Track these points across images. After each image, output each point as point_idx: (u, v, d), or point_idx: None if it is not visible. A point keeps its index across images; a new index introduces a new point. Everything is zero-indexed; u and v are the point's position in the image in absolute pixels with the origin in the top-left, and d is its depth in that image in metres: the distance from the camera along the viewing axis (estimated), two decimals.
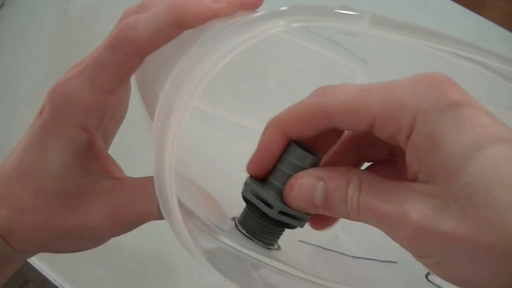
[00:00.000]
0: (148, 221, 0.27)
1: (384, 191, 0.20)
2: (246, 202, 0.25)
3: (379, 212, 0.20)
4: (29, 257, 0.29)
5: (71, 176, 0.26)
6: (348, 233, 0.28)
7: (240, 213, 0.25)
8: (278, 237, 0.25)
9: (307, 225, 0.25)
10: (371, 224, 0.21)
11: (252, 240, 0.25)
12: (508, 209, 0.17)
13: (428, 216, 0.18)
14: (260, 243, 0.25)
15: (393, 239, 0.20)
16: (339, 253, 0.28)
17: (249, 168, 0.24)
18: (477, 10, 0.60)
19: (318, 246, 0.28)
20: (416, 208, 0.19)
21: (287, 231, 0.25)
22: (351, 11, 0.20)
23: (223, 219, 0.26)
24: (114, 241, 0.29)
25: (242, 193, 0.24)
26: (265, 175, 0.24)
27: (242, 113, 0.32)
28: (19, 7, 0.65)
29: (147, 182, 0.26)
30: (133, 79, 0.29)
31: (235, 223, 0.26)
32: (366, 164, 0.26)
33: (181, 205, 0.20)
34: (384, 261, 0.23)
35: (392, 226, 0.20)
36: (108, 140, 0.30)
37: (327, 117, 0.21)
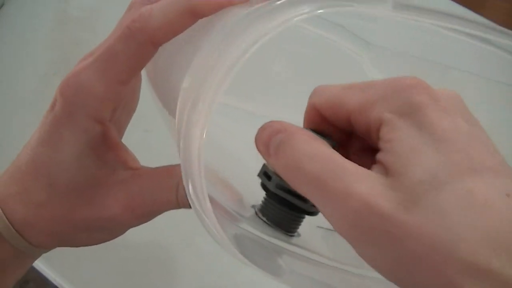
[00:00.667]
0: (166, 210, 0.26)
1: (339, 168, 0.19)
2: (266, 191, 0.25)
3: (327, 185, 0.18)
4: (46, 251, 0.29)
5: (86, 169, 0.26)
6: None
7: (260, 201, 0.25)
8: (299, 224, 0.25)
9: None
10: (311, 198, 0.19)
11: (273, 228, 0.25)
12: (455, 214, 0.16)
13: (376, 195, 0.17)
14: (282, 230, 0.25)
15: (333, 222, 0.19)
16: None
17: None
18: (477, 10, 0.60)
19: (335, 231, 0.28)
20: (366, 188, 0.18)
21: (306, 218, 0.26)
22: None
23: (243, 206, 0.26)
24: (114, 241, 0.29)
25: (270, 188, 0.24)
26: None
27: (250, 100, 0.32)
28: (19, 7, 0.65)
29: (165, 171, 0.26)
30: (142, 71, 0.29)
31: (255, 211, 0.25)
32: None
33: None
34: None
35: (336, 203, 0.18)
36: (121, 131, 0.30)
37: (318, 113, 0.23)
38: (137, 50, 0.24)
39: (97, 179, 0.26)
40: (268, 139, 0.21)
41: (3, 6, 0.65)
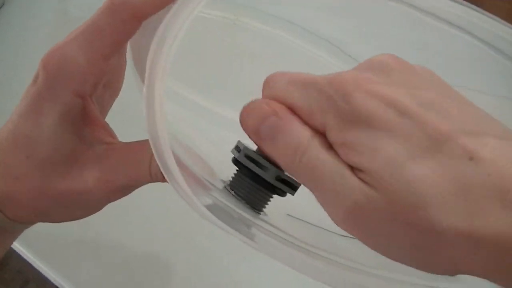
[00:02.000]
0: (141, 185, 0.26)
1: (332, 158, 0.20)
2: (237, 166, 0.25)
3: (322, 174, 0.19)
4: (26, 227, 0.29)
5: (64, 143, 0.26)
6: None
7: (230, 178, 0.26)
8: (267, 203, 0.26)
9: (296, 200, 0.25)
10: (305, 184, 0.20)
11: (241, 202, 0.25)
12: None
13: (366, 199, 0.18)
14: (249, 206, 0.25)
15: (329, 213, 0.20)
16: (327, 230, 0.28)
17: None
18: None
19: (306, 222, 0.28)
20: (356, 192, 0.19)
21: (275, 203, 0.26)
22: None
23: (214, 177, 0.26)
24: (114, 240, 0.29)
25: (237, 158, 0.24)
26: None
27: (219, 101, 0.32)
28: (19, 7, 0.66)
29: (138, 146, 0.27)
30: (129, 63, 0.29)
31: (225, 186, 0.26)
32: None
33: (175, 157, 0.20)
34: None
35: (331, 204, 0.20)
36: (103, 111, 0.30)
37: None
38: (120, 24, 0.24)
39: (74, 153, 0.26)
40: (259, 124, 0.21)
41: (3, 6, 0.65)
